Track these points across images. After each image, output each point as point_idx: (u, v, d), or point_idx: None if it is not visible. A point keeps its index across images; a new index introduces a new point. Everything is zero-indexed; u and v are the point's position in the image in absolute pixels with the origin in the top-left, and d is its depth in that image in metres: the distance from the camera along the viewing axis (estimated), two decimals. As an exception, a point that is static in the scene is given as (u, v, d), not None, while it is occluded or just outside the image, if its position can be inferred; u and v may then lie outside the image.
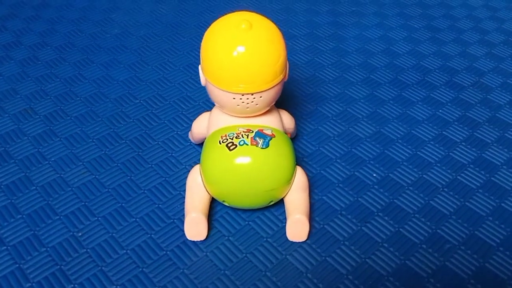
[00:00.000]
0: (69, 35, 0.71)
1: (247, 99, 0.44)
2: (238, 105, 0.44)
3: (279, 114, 0.49)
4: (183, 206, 0.49)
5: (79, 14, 0.75)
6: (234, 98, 0.44)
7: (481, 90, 0.64)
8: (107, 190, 0.50)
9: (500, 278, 0.44)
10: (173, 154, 0.54)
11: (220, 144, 0.45)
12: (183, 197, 0.50)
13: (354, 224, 0.48)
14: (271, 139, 0.45)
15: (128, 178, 0.52)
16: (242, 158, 0.44)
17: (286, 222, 0.46)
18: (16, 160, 0.53)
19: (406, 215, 0.49)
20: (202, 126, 0.50)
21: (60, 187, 0.50)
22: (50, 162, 0.53)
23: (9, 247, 0.45)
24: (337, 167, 0.53)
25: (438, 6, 0.80)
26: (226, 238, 0.47)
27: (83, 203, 0.49)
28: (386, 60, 0.68)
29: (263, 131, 0.46)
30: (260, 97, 0.44)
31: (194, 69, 0.65)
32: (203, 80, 0.46)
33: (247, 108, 0.45)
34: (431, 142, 0.56)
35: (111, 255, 0.45)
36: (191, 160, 0.54)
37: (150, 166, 0.53)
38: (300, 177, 0.47)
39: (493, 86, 0.64)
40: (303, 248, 0.46)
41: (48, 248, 0.45)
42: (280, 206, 0.49)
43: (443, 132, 0.58)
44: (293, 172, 0.46)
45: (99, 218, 0.48)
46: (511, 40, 0.73)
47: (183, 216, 0.48)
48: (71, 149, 0.54)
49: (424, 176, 0.53)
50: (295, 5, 0.78)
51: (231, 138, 0.45)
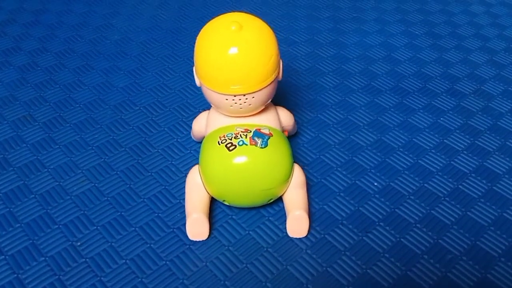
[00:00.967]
0: (68, 41, 0.70)
1: (240, 99, 0.44)
2: (231, 105, 0.45)
3: (276, 111, 0.50)
4: (183, 215, 0.49)
5: (79, 20, 0.75)
6: (227, 99, 0.44)
7: (482, 98, 0.64)
8: (106, 198, 0.50)
9: (502, 289, 0.44)
10: (173, 162, 0.54)
11: (219, 144, 0.45)
12: (183, 206, 0.49)
13: (355, 234, 0.48)
14: (269, 138, 0.45)
15: (128, 186, 0.51)
16: (242, 158, 0.44)
17: (286, 219, 0.47)
18: (15, 168, 0.53)
19: (407, 225, 0.49)
20: (201, 124, 0.51)
21: (59, 196, 0.50)
22: (49, 170, 0.52)
23: (7, 257, 0.45)
24: (338, 175, 0.53)
25: (439, 12, 0.79)
26: (226, 248, 0.46)
27: (82, 212, 0.49)
28: (387, 67, 0.68)
29: (261, 130, 0.46)
30: (253, 97, 0.44)
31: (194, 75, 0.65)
32: (197, 82, 0.46)
33: (241, 108, 0.45)
34: (433, 151, 0.56)
35: (110, 265, 0.45)
36: (190, 168, 0.53)
37: (149, 174, 0.53)
38: (297, 174, 0.47)
39: (494, 94, 0.64)
40: (303, 259, 0.45)
41: (47, 258, 0.45)
42: (281, 216, 0.49)
43: (445, 140, 0.58)
44: (291, 170, 0.47)
45: (98, 227, 0.47)
46: (512, 47, 0.73)
47: (183, 225, 0.48)
48: (70, 156, 0.54)
49: (425, 185, 0.52)
50: (295, 11, 0.78)
51: (230, 138, 0.45)
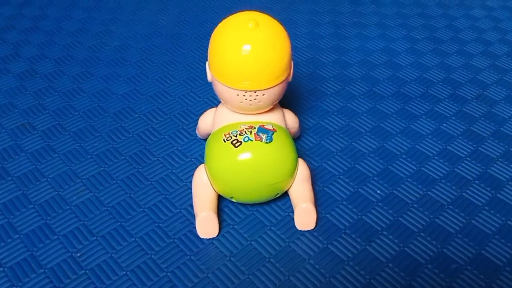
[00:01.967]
0: (68, 47, 0.70)
1: (250, 96, 0.45)
2: (241, 101, 0.45)
3: (283, 112, 0.51)
4: (184, 224, 0.48)
5: (78, 26, 0.74)
6: (238, 95, 0.45)
7: (485, 103, 0.63)
8: (106, 208, 0.49)
9: (507, 299, 0.44)
10: (173, 171, 0.53)
11: (225, 142, 0.46)
12: (184, 215, 0.49)
13: (358, 243, 0.47)
14: (273, 133, 0.46)
15: (128, 195, 0.51)
16: (248, 154, 0.45)
17: (294, 213, 0.47)
18: (14, 177, 0.52)
19: (411, 234, 0.48)
20: (207, 121, 0.51)
21: (59, 206, 0.49)
22: (48, 179, 0.52)
23: (5, 269, 0.44)
24: (340, 183, 0.53)
25: (441, 17, 0.79)
26: (228, 258, 0.46)
27: (82, 222, 0.48)
28: (388, 72, 0.67)
29: (265, 126, 0.47)
30: (263, 95, 0.45)
31: (194, 82, 0.65)
32: (209, 76, 0.47)
33: (250, 105, 0.46)
34: (436, 158, 0.56)
35: (111, 276, 0.44)
36: (191, 176, 0.52)
37: (150, 183, 0.52)
38: (302, 168, 0.48)
39: (497, 99, 0.64)
40: (306, 269, 0.45)
41: (46, 270, 0.44)
42: (283, 225, 0.48)
43: (447, 147, 0.57)
44: (296, 163, 0.47)
45: (98, 238, 0.47)
46: (514, 51, 0.72)
47: (183, 235, 0.47)
48: (69, 165, 0.53)
49: (428, 193, 0.52)
50: (296, 16, 0.77)
51: (235, 135, 0.46)
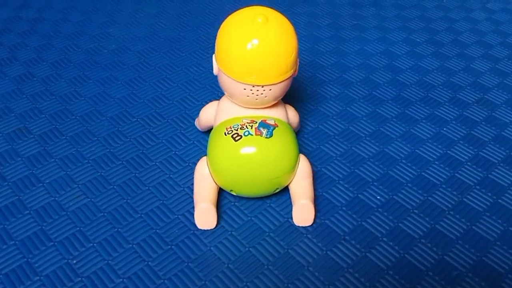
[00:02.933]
0: (65, 50, 0.69)
1: (257, 90, 0.45)
2: (248, 96, 0.46)
3: (285, 108, 0.51)
4: (182, 231, 0.47)
5: (76, 28, 0.74)
6: (245, 89, 0.45)
7: (486, 107, 0.62)
8: (102, 214, 0.49)
9: (509, 307, 0.43)
10: (171, 176, 0.53)
11: (226, 135, 0.46)
12: (182, 221, 0.48)
13: (358, 250, 0.46)
14: (274, 128, 0.47)
15: (125, 201, 0.50)
16: (247, 148, 0.45)
17: (293, 208, 0.47)
18: (9, 183, 0.51)
19: (411, 240, 0.47)
20: (209, 114, 0.51)
21: (55, 211, 0.49)
22: (45, 185, 0.51)
23: (1, 276, 0.44)
24: (340, 189, 0.52)
25: (441, 20, 0.78)
26: (226, 265, 0.45)
27: (78, 228, 0.48)
28: (388, 75, 0.67)
29: (266, 121, 0.47)
30: (270, 89, 0.45)
31: (193, 85, 0.64)
32: (215, 69, 0.47)
33: (256, 99, 0.46)
34: (436, 162, 0.55)
35: (107, 284, 0.43)
36: (189, 181, 0.52)
37: (147, 188, 0.51)
38: (303, 164, 0.48)
39: (498, 103, 0.63)
40: (305, 276, 0.44)
41: (42, 277, 0.44)
42: (282, 231, 0.48)
43: (448, 151, 0.56)
44: (297, 159, 0.48)
45: (95, 244, 0.46)
46: (515, 54, 0.71)
47: (181, 242, 0.47)
48: (66, 170, 0.53)
49: (429, 198, 0.51)
50: (295, 19, 0.77)
51: (236, 129, 0.46)
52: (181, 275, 0.44)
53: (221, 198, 0.50)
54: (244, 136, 0.46)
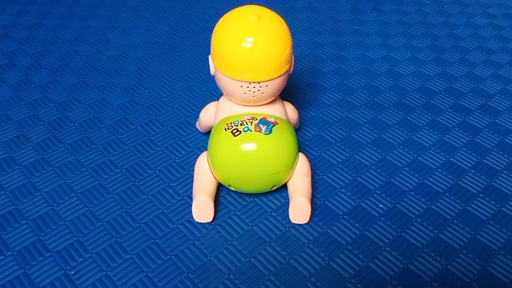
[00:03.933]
0: (64, 57, 0.69)
1: (254, 87, 0.46)
2: (245, 93, 0.46)
3: (283, 104, 0.52)
4: (182, 240, 0.47)
5: (74, 35, 0.73)
6: (241, 86, 0.46)
7: (488, 113, 0.62)
8: (101, 223, 0.48)
9: (515, 318, 0.42)
10: (170, 184, 0.52)
11: (226, 131, 0.47)
12: (181, 231, 0.48)
13: (361, 260, 0.46)
14: (274, 125, 0.47)
15: (124, 210, 0.49)
16: (245, 144, 0.46)
17: (289, 205, 0.48)
18: (7, 192, 0.51)
19: (414, 250, 0.47)
20: (209, 114, 0.52)
21: (53, 221, 0.48)
22: (42, 194, 0.51)
23: (-3, 287, 0.43)
24: (341, 197, 0.51)
25: (442, 25, 0.78)
26: (226, 276, 0.44)
27: (76, 238, 0.47)
28: (390, 82, 0.66)
29: (267, 118, 0.48)
30: (266, 86, 0.46)
31: (192, 92, 0.63)
32: (212, 69, 0.48)
33: (253, 96, 0.47)
34: (439, 170, 0.54)
35: (105, 295, 0.43)
36: (189, 190, 0.51)
37: (146, 197, 0.51)
38: (302, 162, 0.49)
39: (500, 109, 0.62)
40: (307, 287, 0.44)
41: (39, 288, 0.43)
42: (282, 242, 0.47)
43: (451, 159, 0.56)
44: (295, 157, 0.48)
45: (93, 255, 0.46)
46: (517, 60, 0.71)
47: (181, 252, 0.46)
48: (64, 179, 0.52)
49: (432, 206, 0.51)
50: (295, 24, 0.76)
51: (236, 125, 0.47)
52: (181, 286, 0.43)
53: (221, 207, 0.50)
54: (243, 132, 0.46)
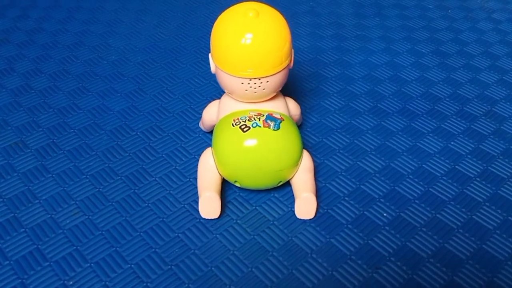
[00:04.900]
0: (63, 62, 0.68)
1: (255, 83, 0.46)
2: (246, 90, 0.47)
3: (285, 101, 0.52)
4: (182, 250, 0.46)
5: (75, 39, 0.72)
6: (242, 83, 0.46)
7: (494, 120, 0.61)
8: (100, 232, 0.47)
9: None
10: (171, 192, 0.51)
11: (233, 126, 0.47)
12: (182, 240, 0.47)
13: (365, 271, 0.45)
14: (281, 122, 0.47)
15: (123, 218, 0.49)
16: (256, 139, 0.46)
17: (295, 201, 0.48)
18: (5, 199, 0.50)
19: (420, 260, 0.46)
20: (212, 113, 0.52)
21: (51, 229, 0.47)
22: (41, 201, 0.50)
23: (-6, 298, 0.42)
24: (345, 205, 0.50)
25: (446, 30, 0.77)
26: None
27: (75, 247, 0.46)
28: (393, 87, 0.65)
29: (273, 115, 0.48)
30: (267, 81, 0.46)
31: (193, 98, 0.63)
32: (213, 68, 0.48)
33: (255, 93, 0.47)
34: (444, 178, 0.53)
35: (104, 306, 0.42)
36: (190, 198, 0.51)
37: (146, 205, 0.50)
38: (306, 159, 0.49)
39: (506, 116, 0.62)
40: (310, 298, 0.43)
41: (36, 299, 0.42)
42: (286, 251, 0.46)
43: (456, 166, 0.55)
44: (301, 153, 0.49)
45: (92, 264, 0.45)
46: (522, 65, 0.70)
47: (181, 262, 0.45)
48: (63, 186, 0.51)
49: (437, 215, 0.50)
50: (298, 29, 0.76)
51: (244, 121, 0.47)
52: (181, 297, 0.43)
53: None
54: (252, 128, 0.46)
